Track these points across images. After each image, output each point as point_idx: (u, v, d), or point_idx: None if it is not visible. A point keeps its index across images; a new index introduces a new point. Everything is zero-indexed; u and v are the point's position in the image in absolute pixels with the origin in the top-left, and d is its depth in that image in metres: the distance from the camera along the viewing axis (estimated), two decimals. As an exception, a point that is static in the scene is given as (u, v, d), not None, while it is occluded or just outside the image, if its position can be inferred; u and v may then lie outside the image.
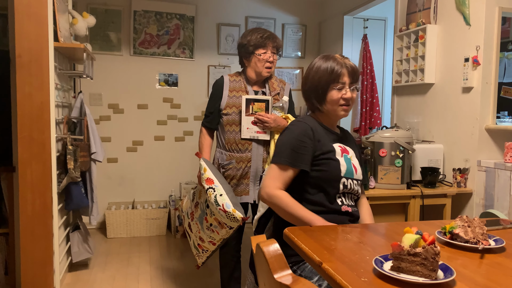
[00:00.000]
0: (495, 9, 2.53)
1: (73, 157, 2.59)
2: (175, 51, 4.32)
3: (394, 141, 2.47)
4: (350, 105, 1.69)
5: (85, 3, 4.07)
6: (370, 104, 3.97)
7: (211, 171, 2.14)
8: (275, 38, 2.34)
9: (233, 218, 2.02)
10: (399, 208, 2.59)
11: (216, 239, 2.19)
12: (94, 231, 4.07)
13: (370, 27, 4.14)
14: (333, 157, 1.63)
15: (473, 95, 2.61)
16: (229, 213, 2.01)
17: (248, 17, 4.51)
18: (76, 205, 2.77)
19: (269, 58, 2.30)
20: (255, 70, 2.34)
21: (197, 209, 2.24)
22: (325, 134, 1.68)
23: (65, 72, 2.83)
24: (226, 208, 2.01)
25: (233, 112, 2.33)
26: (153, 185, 4.34)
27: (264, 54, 2.30)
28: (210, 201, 2.05)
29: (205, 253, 2.29)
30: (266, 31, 2.34)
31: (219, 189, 2.05)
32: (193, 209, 2.28)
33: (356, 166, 1.69)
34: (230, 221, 2.04)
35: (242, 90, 2.37)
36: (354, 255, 1.13)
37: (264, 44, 2.29)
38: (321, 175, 1.62)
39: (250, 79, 2.38)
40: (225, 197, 2.03)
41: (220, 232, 2.13)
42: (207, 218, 2.17)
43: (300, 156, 1.60)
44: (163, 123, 4.35)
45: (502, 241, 1.25)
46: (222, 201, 2.02)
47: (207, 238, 2.21)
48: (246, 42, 2.32)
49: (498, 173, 2.43)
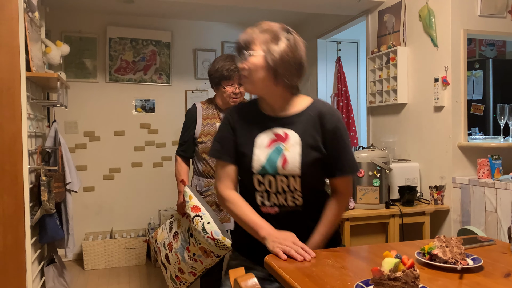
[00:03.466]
0: (460, 32, 2.63)
1: (47, 189, 2.52)
2: (151, 77, 4.32)
3: (371, 161, 2.50)
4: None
5: (59, 32, 4.04)
6: (346, 124, 4.03)
7: (196, 198, 2.11)
8: None
9: (222, 246, 1.98)
10: (379, 227, 2.60)
11: (198, 270, 2.14)
12: (71, 263, 3.93)
13: (343, 49, 4.25)
14: (244, 150, 1.42)
15: (445, 113, 2.68)
16: (218, 241, 1.96)
17: (224, 42, 4.56)
18: (50, 238, 2.67)
19: (235, 90, 2.28)
20: (222, 99, 2.35)
21: (177, 239, 2.19)
22: (254, 121, 1.45)
23: (38, 102, 2.78)
24: (215, 236, 1.96)
25: (208, 140, 2.31)
26: (132, 213, 4.25)
27: (229, 87, 2.27)
28: (197, 229, 2.00)
29: (183, 285, 2.23)
30: (234, 62, 2.26)
31: (206, 217, 2.01)
32: (171, 240, 2.23)
33: (288, 159, 1.37)
34: (219, 249, 2.00)
35: (216, 117, 2.37)
36: (336, 281, 1.13)
37: (230, 77, 2.25)
38: (239, 170, 1.47)
39: (220, 106, 2.39)
40: (213, 224, 1.99)
41: (205, 261, 2.09)
42: (189, 248, 2.11)
43: (223, 147, 1.45)
44: (140, 149, 4.30)
45: (480, 260, 1.27)
46: (210, 229, 1.97)
47: (187, 269, 2.16)
48: (213, 72, 2.31)
49: (473, 189, 2.48)
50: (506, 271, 1.22)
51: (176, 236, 2.20)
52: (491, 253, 1.41)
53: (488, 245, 1.51)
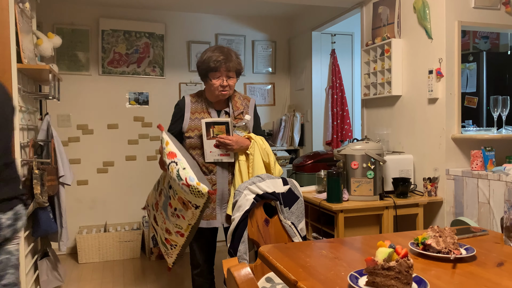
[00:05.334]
0: (454, 23, 2.63)
1: (40, 182, 2.50)
2: (145, 70, 4.29)
3: (365, 153, 2.50)
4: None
5: (51, 24, 3.99)
6: (340, 117, 4.03)
7: (173, 144, 1.97)
8: (229, 61, 2.18)
9: (197, 192, 1.82)
10: (373, 219, 2.61)
11: (183, 228, 1.99)
12: (65, 257, 3.92)
13: (338, 42, 4.24)
14: None
15: (439, 105, 2.69)
16: (193, 187, 1.82)
17: (218, 35, 4.53)
18: (44, 231, 2.66)
19: (223, 83, 2.18)
20: (210, 92, 2.26)
21: (161, 196, 2.07)
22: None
23: (30, 94, 2.75)
24: (189, 182, 1.82)
25: (195, 135, 2.23)
26: (126, 206, 4.23)
27: (216, 80, 2.18)
28: (172, 176, 1.86)
29: (174, 249, 2.08)
30: (222, 53, 2.18)
31: (182, 163, 1.86)
32: (157, 199, 2.11)
33: None
34: (195, 197, 1.85)
35: (204, 111, 2.28)
36: (330, 271, 1.13)
37: (216, 68, 2.16)
38: None
39: (209, 99, 2.30)
40: (188, 170, 1.85)
41: (186, 215, 1.93)
42: (171, 203, 1.97)
43: None
44: (134, 143, 4.27)
45: (473, 250, 1.28)
46: (185, 175, 1.83)
47: (173, 228, 2.02)
48: (200, 63, 2.23)
49: (466, 181, 2.49)
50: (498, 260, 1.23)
51: (161, 194, 2.06)
52: (484, 243, 1.42)
53: (481, 235, 1.52)
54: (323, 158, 3.22)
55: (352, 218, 2.51)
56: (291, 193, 2.09)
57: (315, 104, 4.32)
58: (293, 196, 2.09)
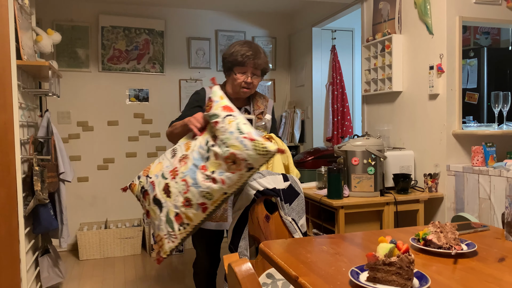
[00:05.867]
0: (455, 19, 2.62)
1: (40, 178, 2.50)
2: (145, 66, 4.28)
3: (366, 149, 2.50)
4: None
5: (50, 20, 3.98)
6: (341, 113, 4.02)
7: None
8: (258, 58, 2.09)
9: (262, 148, 1.62)
10: (374, 215, 2.61)
11: (214, 197, 1.72)
12: (66, 254, 3.93)
13: (338, 38, 4.22)
14: None
15: (439, 101, 2.68)
16: (258, 142, 1.62)
17: (218, 31, 4.51)
18: (44, 228, 2.66)
19: (247, 79, 2.09)
20: (232, 87, 2.16)
21: (185, 162, 1.80)
22: None
23: (30, 91, 2.75)
24: (254, 136, 1.64)
25: None
26: (126, 203, 4.23)
27: (241, 75, 2.09)
28: (229, 129, 1.67)
29: (182, 230, 1.76)
30: (251, 48, 2.09)
31: (241, 118, 1.71)
32: (176, 165, 1.81)
33: None
34: (257, 155, 1.63)
35: None
36: (330, 267, 1.13)
37: (243, 63, 2.07)
38: None
39: (229, 94, 2.18)
40: (250, 126, 1.69)
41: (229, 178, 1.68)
42: (206, 166, 1.72)
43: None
44: (134, 139, 4.27)
45: (474, 245, 1.27)
46: (248, 129, 1.66)
47: (198, 198, 1.72)
48: (227, 56, 2.12)
49: (467, 176, 2.49)
50: (500, 256, 1.23)
51: (184, 159, 1.82)
52: (485, 238, 1.42)
53: (482, 231, 1.52)
54: (324, 154, 3.21)
55: (352, 214, 2.51)
56: (291, 189, 2.08)
57: (316, 100, 4.31)
58: (293, 192, 2.09)
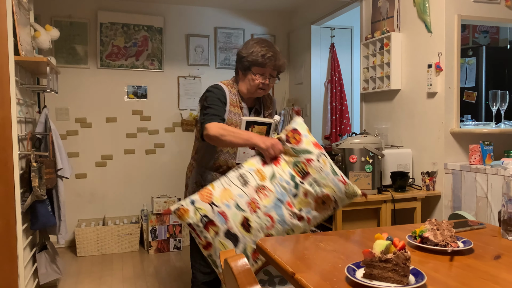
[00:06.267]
0: (454, 17, 2.62)
1: (38, 175, 2.50)
2: (143, 63, 4.27)
3: (364, 147, 2.50)
4: None
5: (49, 16, 3.97)
6: (339, 111, 4.03)
7: None
8: (278, 59, 2.04)
9: (352, 192, 1.63)
10: (371, 213, 2.61)
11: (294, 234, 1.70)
12: (64, 250, 3.93)
13: (337, 36, 4.22)
14: None
15: (438, 100, 2.68)
16: (349, 186, 1.62)
17: (217, 28, 4.51)
18: (42, 224, 2.66)
19: (265, 80, 2.04)
20: (248, 88, 2.07)
21: (264, 194, 1.67)
22: None
23: (28, 87, 2.74)
24: (345, 179, 1.64)
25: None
26: (124, 200, 4.23)
27: (259, 76, 2.03)
28: (325, 170, 1.62)
29: (254, 266, 1.71)
30: (271, 48, 2.04)
31: (328, 157, 1.66)
32: (253, 196, 1.67)
33: None
34: (346, 197, 1.65)
35: (237, 106, 2.08)
36: (327, 264, 1.13)
37: (264, 64, 2.01)
38: None
39: (242, 93, 2.11)
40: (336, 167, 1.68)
41: (316, 217, 1.68)
42: (292, 203, 1.65)
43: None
44: (132, 136, 4.27)
45: (470, 243, 1.28)
46: (339, 171, 1.63)
47: (280, 235, 1.66)
48: (246, 54, 2.04)
49: (464, 175, 2.49)
50: (496, 253, 1.24)
51: (262, 191, 1.68)
52: (482, 236, 1.42)
53: (478, 229, 1.52)
54: (322, 152, 3.21)
55: (350, 212, 2.52)
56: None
57: (314, 98, 4.31)
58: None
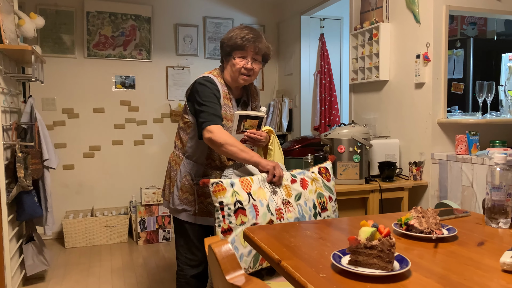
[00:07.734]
0: (442, 8, 2.63)
1: (23, 165, 2.47)
2: (131, 53, 4.22)
3: (352, 137, 2.51)
4: None
5: (34, 4, 3.89)
6: (328, 102, 4.03)
7: None
8: (258, 41, 1.94)
9: None
10: (359, 202, 2.63)
11: None
12: (51, 242, 3.90)
13: (327, 26, 4.21)
14: None
15: (425, 90, 2.70)
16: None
17: (206, 18, 4.47)
18: (28, 215, 2.63)
19: (247, 65, 1.93)
20: (231, 75, 1.98)
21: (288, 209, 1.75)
22: None
23: (12, 76, 2.69)
24: None
25: (230, 127, 1.95)
26: (113, 191, 4.21)
27: (240, 60, 1.93)
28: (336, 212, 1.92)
29: (256, 268, 1.78)
30: (252, 32, 1.95)
31: None
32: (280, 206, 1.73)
33: None
34: None
35: (228, 97, 2.00)
36: (313, 251, 1.13)
37: (243, 46, 1.91)
38: None
39: (228, 83, 2.01)
40: None
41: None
42: None
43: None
44: (121, 127, 4.23)
45: (454, 230, 1.30)
46: None
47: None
48: (226, 40, 1.96)
49: (451, 165, 2.52)
50: (479, 240, 1.25)
51: (287, 205, 1.75)
52: (466, 224, 1.44)
53: (463, 217, 1.54)
54: (311, 142, 3.22)
55: (338, 202, 2.53)
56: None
57: (304, 89, 4.31)
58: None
